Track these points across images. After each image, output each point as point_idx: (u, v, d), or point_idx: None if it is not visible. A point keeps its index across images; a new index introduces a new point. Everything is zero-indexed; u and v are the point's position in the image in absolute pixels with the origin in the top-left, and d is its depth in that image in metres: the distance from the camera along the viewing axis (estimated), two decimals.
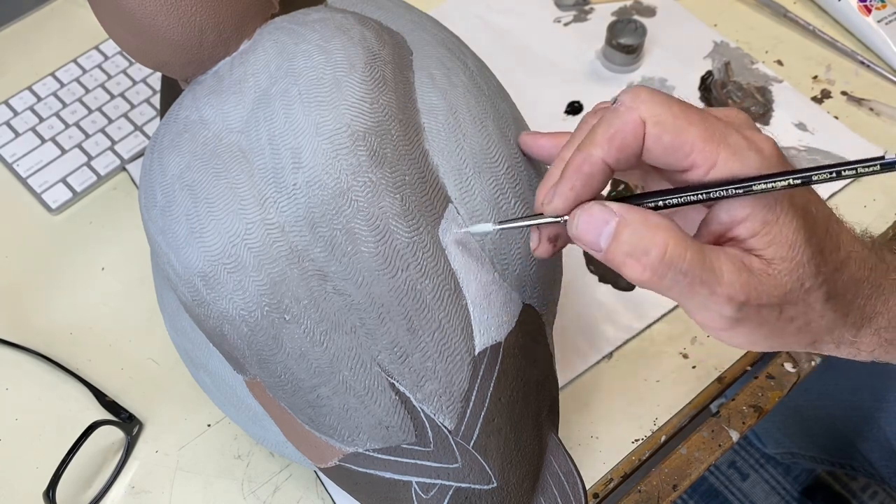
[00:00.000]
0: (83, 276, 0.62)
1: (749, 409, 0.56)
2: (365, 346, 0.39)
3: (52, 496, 0.50)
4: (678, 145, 0.33)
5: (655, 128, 0.33)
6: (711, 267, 0.33)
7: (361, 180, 0.39)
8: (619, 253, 0.33)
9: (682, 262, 0.32)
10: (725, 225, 0.34)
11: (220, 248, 0.40)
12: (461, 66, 0.45)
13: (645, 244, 0.32)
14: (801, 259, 0.33)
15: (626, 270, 0.33)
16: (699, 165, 0.33)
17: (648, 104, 0.33)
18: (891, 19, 0.73)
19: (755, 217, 0.33)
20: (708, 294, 0.33)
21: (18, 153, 0.67)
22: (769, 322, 0.34)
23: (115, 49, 0.73)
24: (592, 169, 0.34)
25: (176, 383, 0.57)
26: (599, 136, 0.34)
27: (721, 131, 0.33)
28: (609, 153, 0.34)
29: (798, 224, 0.33)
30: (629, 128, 0.33)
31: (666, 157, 0.33)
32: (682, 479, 0.53)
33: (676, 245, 0.32)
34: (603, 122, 0.34)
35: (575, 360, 0.57)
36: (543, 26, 0.75)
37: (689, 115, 0.33)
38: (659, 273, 0.32)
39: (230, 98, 0.42)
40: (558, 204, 0.35)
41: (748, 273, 0.33)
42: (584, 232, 0.34)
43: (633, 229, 0.32)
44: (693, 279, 0.32)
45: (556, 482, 0.41)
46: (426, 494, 0.39)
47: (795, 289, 0.34)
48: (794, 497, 1.24)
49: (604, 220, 0.33)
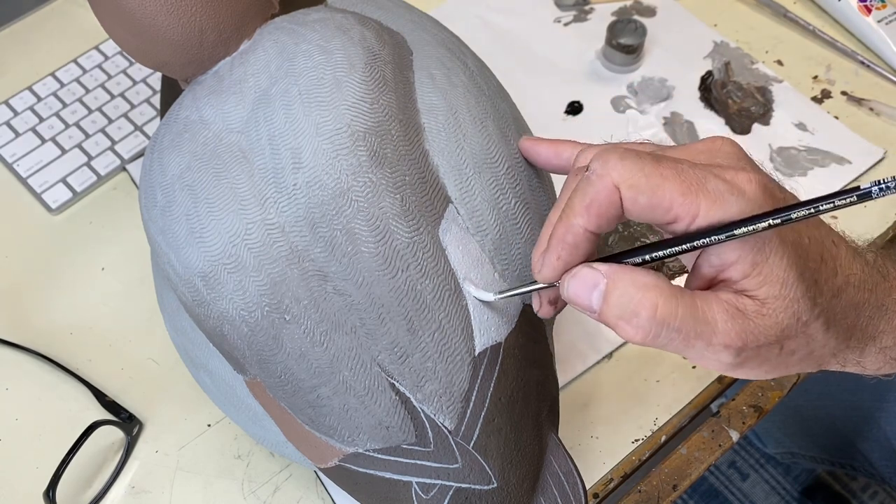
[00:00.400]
0: (83, 276, 0.62)
1: (749, 409, 0.56)
2: (365, 346, 0.39)
3: (52, 496, 0.50)
4: (656, 203, 0.32)
5: (630, 191, 0.33)
6: (705, 318, 0.32)
7: (361, 180, 0.39)
8: (611, 315, 0.33)
9: (674, 320, 0.32)
10: (716, 268, 0.34)
11: (221, 248, 0.40)
12: (461, 66, 0.45)
13: (634, 306, 0.32)
14: (795, 295, 0.33)
15: (620, 332, 0.33)
16: (682, 218, 0.32)
17: (619, 169, 0.33)
18: (891, 19, 0.73)
19: (745, 259, 0.33)
20: (705, 346, 0.33)
21: (18, 153, 0.67)
22: (771, 359, 0.34)
23: (115, 49, 0.73)
24: (576, 239, 0.34)
25: (176, 383, 0.57)
26: (577, 205, 0.34)
27: (698, 180, 0.32)
28: (589, 221, 0.34)
29: (789, 260, 0.33)
30: (603, 195, 0.33)
31: (646, 216, 0.33)
32: (682, 479, 0.53)
33: (666, 303, 0.32)
34: (578, 191, 0.34)
35: (575, 360, 0.57)
36: (543, 26, 0.75)
37: (663, 170, 0.32)
38: (652, 333, 0.32)
39: (230, 98, 0.42)
40: (547, 273, 0.35)
41: (742, 318, 0.33)
42: (576, 296, 0.34)
43: (621, 291, 0.33)
44: (687, 334, 0.32)
45: (556, 482, 0.41)
46: (426, 495, 0.39)
47: (792, 324, 0.33)
48: (794, 497, 1.24)
49: (593, 284, 0.33)
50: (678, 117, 0.69)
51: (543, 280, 0.35)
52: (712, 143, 0.36)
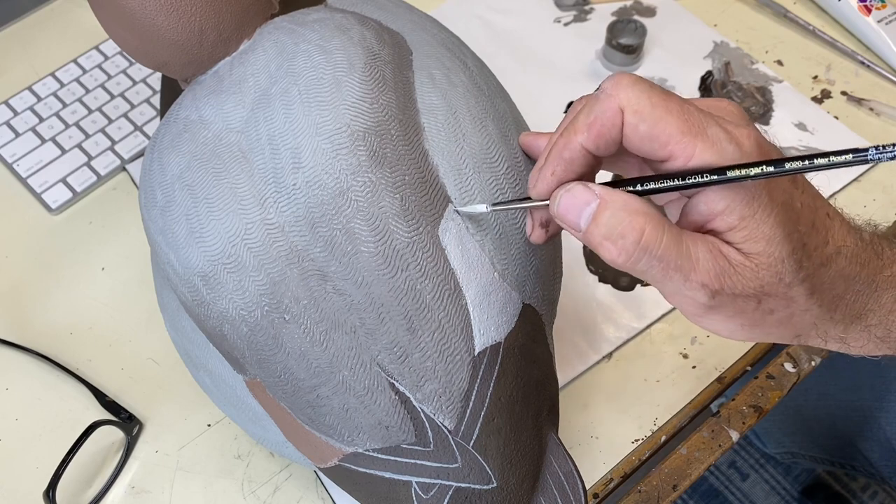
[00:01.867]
0: (83, 276, 0.62)
1: (749, 409, 0.56)
2: (365, 346, 0.39)
3: (52, 496, 0.50)
4: (655, 135, 0.33)
5: (633, 116, 0.33)
6: (688, 253, 0.33)
7: (361, 180, 0.39)
8: (597, 234, 0.33)
9: (658, 248, 0.32)
10: (704, 216, 0.34)
11: (220, 248, 0.40)
12: (461, 66, 0.45)
13: (622, 228, 0.32)
14: (780, 255, 0.33)
15: (603, 252, 0.33)
16: (676, 156, 0.33)
17: (627, 92, 0.33)
18: (891, 19, 0.73)
19: (732, 211, 0.33)
20: (682, 280, 0.33)
21: (18, 153, 0.67)
22: (746, 312, 0.34)
23: (115, 49, 0.73)
24: (573, 154, 0.34)
25: (176, 383, 0.57)
26: (580, 122, 0.34)
27: (700, 122, 0.32)
28: (588, 139, 0.34)
29: (777, 220, 0.33)
30: (608, 115, 0.33)
31: (643, 146, 0.33)
32: (682, 479, 0.53)
33: (653, 230, 0.32)
34: (584, 108, 0.34)
35: (575, 360, 0.57)
36: (543, 26, 0.75)
37: (669, 104, 0.33)
38: (634, 257, 0.33)
39: (230, 98, 0.42)
40: (541, 187, 0.35)
41: (724, 262, 0.33)
42: (565, 211, 0.34)
43: (612, 212, 0.33)
44: (667, 265, 0.33)
45: (556, 482, 0.41)
46: (426, 494, 0.39)
47: (773, 283, 0.34)
48: (794, 497, 1.24)
49: (585, 202, 0.33)
50: None
51: (537, 195, 0.36)
52: (718, 102, 0.36)
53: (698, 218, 0.34)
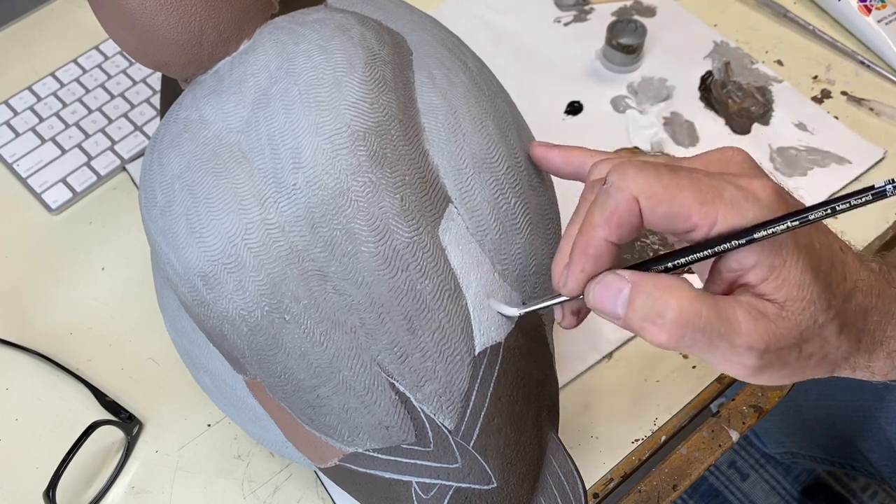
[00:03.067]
0: (83, 276, 0.62)
1: (749, 409, 0.56)
2: (365, 346, 0.39)
3: (52, 496, 0.50)
4: (675, 213, 0.33)
5: (649, 202, 0.33)
6: (728, 319, 0.33)
7: (361, 180, 0.39)
8: (636, 319, 0.33)
9: (699, 320, 0.32)
10: (735, 273, 0.34)
11: (220, 248, 0.40)
12: (461, 66, 0.45)
13: (659, 307, 0.33)
14: (812, 297, 0.34)
15: (646, 335, 0.33)
16: (700, 226, 0.33)
17: (637, 181, 0.33)
18: (891, 19, 0.73)
19: (763, 263, 0.33)
20: (728, 347, 0.33)
21: (18, 153, 0.67)
22: (790, 362, 0.35)
23: (115, 49, 0.73)
24: (598, 250, 0.35)
25: (176, 383, 0.57)
26: (597, 217, 0.34)
27: (714, 188, 0.33)
28: (610, 233, 0.34)
29: (804, 263, 0.33)
30: (623, 206, 0.34)
31: (666, 225, 0.34)
32: (682, 479, 0.53)
33: (690, 304, 0.32)
34: (597, 203, 0.34)
35: (575, 360, 0.57)
36: (543, 26, 0.75)
37: (679, 181, 0.33)
38: (677, 334, 0.33)
39: (230, 98, 0.42)
40: (572, 285, 0.35)
41: (764, 319, 0.33)
42: (601, 303, 0.34)
43: (646, 294, 0.33)
44: (711, 335, 0.33)
45: (556, 482, 0.41)
46: (426, 494, 0.39)
47: (810, 326, 0.34)
48: (794, 497, 1.24)
49: (617, 289, 0.34)
50: (678, 117, 0.69)
51: (568, 293, 0.36)
52: (722, 154, 0.36)
53: (729, 276, 0.34)
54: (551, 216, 0.44)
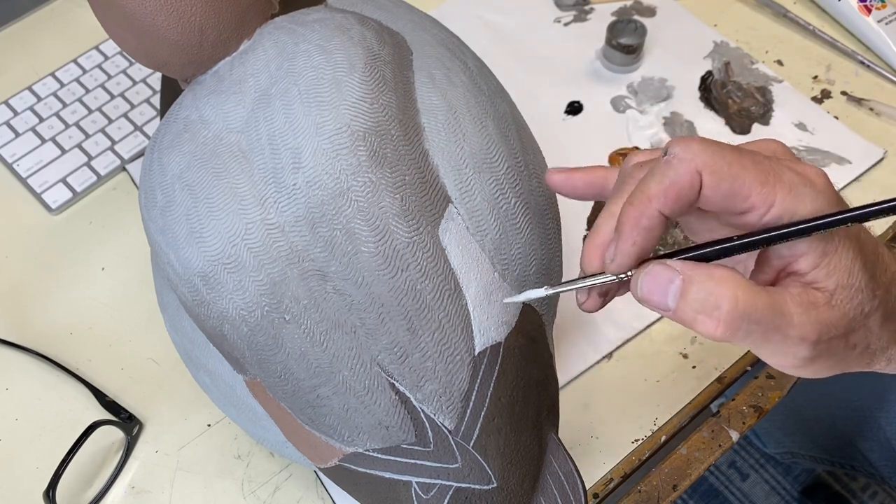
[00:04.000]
0: (83, 276, 0.62)
1: (749, 409, 0.56)
2: (365, 346, 0.39)
3: (52, 496, 0.50)
4: (736, 190, 0.33)
5: (712, 177, 0.33)
6: (781, 311, 0.32)
7: (361, 180, 0.39)
8: (689, 311, 0.33)
9: (755, 311, 0.32)
10: (786, 259, 0.34)
11: (220, 248, 0.40)
12: (461, 66, 0.45)
13: (714, 299, 0.32)
14: (860, 285, 0.33)
15: (699, 327, 0.33)
16: (758, 207, 0.33)
17: (703, 155, 0.33)
18: (891, 19, 0.73)
19: (815, 250, 0.33)
20: (782, 339, 0.33)
21: (18, 153, 0.67)
22: (838, 352, 0.34)
23: (115, 49, 0.73)
24: (651, 222, 0.34)
25: (176, 383, 0.57)
26: (654, 188, 0.33)
27: (774, 170, 0.33)
28: (666, 205, 0.33)
29: (854, 252, 0.33)
30: (685, 179, 0.33)
31: (724, 203, 0.33)
32: (682, 479, 0.53)
33: (746, 295, 0.32)
34: (656, 174, 0.34)
35: (575, 360, 0.57)
36: (543, 26, 0.75)
37: (743, 160, 0.33)
38: (733, 326, 0.32)
39: (230, 98, 0.42)
40: (622, 261, 0.34)
41: (815, 309, 0.33)
42: (650, 294, 0.34)
43: (699, 286, 0.32)
44: (766, 326, 0.32)
45: (556, 482, 0.40)
46: (426, 494, 0.39)
47: (857, 315, 0.34)
48: (794, 497, 1.24)
49: (668, 280, 0.33)
50: (678, 117, 0.69)
51: (617, 270, 0.35)
52: (766, 144, 0.36)
53: (778, 262, 0.34)
54: (551, 216, 0.44)
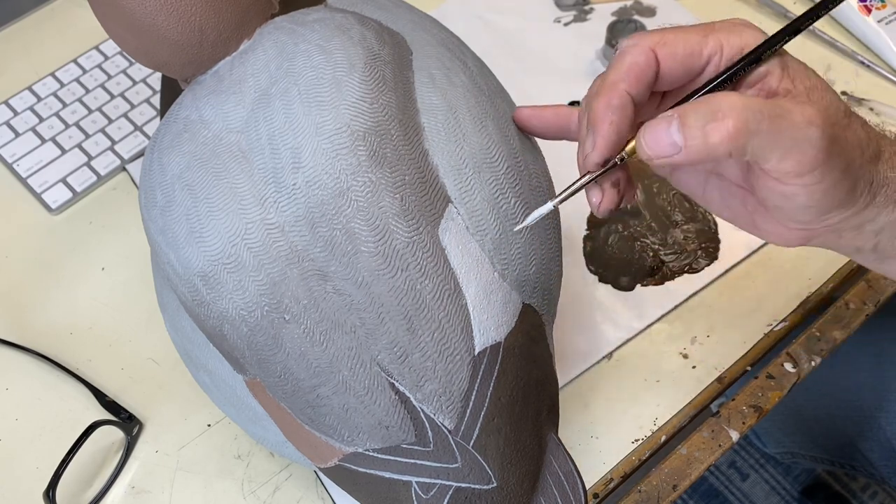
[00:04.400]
0: (83, 276, 0.62)
1: (749, 409, 0.56)
2: (365, 345, 0.39)
3: (52, 496, 0.50)
4: (689, 51, 0.37)
5: (665, 48, 0.37)
6: (778, 104, 0.35)
7: (361, 180, 0.39)
8: (698, 131, 0.34)
9: (755, 104, 0.34)
10: (756, 86, 0.37)
11: (220, 248, 0.40)
12: (461, 65, 0.45)
13: (715, 106, 0.34)
14: (824, 85, 0.36)
15: (714, 137, 0.34)
16: (714, 54, 0.37)
17: (650, 37, 0.37)
18: (891, 19, 0.73)
19: (776, 65, 0.37)
20: (790, 126, 0.34)
21: (18, 153, 0.67)
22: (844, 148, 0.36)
23: (115, 49, 0.73)
24: (622, 101, 0.36)
25: (176, 383, 0.57)
26: (614, 75, 0.37)
27: (707, 25, 0.38)
28: (630, 84, 0.36)
29: (798, 63, 0.37)
30: (643, 58, 0.37)
31: (684, 67, 0.37)
32: (682, 479, 0.53)
33: (740, 97, 0.34)
34: (614, 63, 0.37)
35: (575, 360, 0.57)
36: (543, 26, 0.75)
37: (681, 28, 0.37)
38: (743, 116, 0.33)
39: (230, 98, 0.42)
40: (602, 144, 0.37)
41: (804, 103, 0.35)
42: (655, 144, 0.35)
43: (694, 110, 0.34)
44: (771, 115, 0.34)
45: (556, 482, 0.41)
46: (426, 494, 0.39)
47: (837, 110, 0.36)
48: (794, 497, 1.24)
49: (666, 123, 0.35)
50: None
51: (599, 155, 0.37)
52: None
53: (751, 92, 0.37)
54: (551, 216, 0.44)
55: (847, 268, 0.61)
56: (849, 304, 0.60)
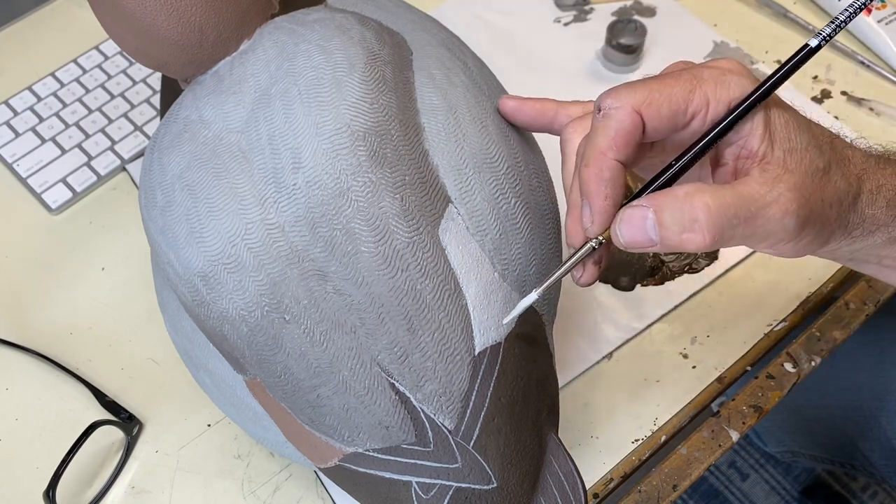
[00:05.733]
0: (83, 276, 0.62)
1: (749, 409, 0.56)
2: (365, 346, 0.39)
3: (52, 496, 0.50)
4: (675, 108, 0.36)
5: (650, 108, 0.36)
6: (751, 196, 0.35)
7: (361, 180, 0.39)
8: (673, 236, 0.34)
9: (729, 208, 0.34)
10: (738, 146, 0.37)
11: (220, 248, 0.40)
12: (461, 66, 0.45)
13: (689, 214, 0.34)
14: (804, 146, 0.36)
15: (688, 245, 0.34)
16: (699, 110, 0.36)
17: (633, 95, 0.36)
18: (891, 19, 0.73)
19: (758, 124, 0.36)
20: (765, 220, 0.34)
21: (18, 153, 0.67)
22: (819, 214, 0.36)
23: (115, 49, 0.73)
24: (612, 173, 0.36)
25: (176, 383, 0.57)
26: (602, 142, 0.36)
27: (693, 75, 0.36)
28: (619, 151, 0.36)
29: (785, 118, 0.36)
30: (628, 122, 0.35)
31: (670, 124, 0.36)
32: (682, 479, 0.53)
33: (715, 198, 0.34)
34: (599, 130, 0.36)
35: (575, 360, 0.57)
36: (543, 26, 0.75)
37: (665, 81, 0.36)
38: (717, 228, 0.34)
39: (230, 98, 0.42)
40: (600, 219, 0.37)
41: (780, 182, 0.35)
42: (633, 237, 0.35)
43: (670, 210, 0.34)
44: (745, 216, 0.34)
45: (556, 482, 0.41)
46: (426, 494, 0.39)
47: (816, 171, 0.36)
48: (794, 497, 1.24)
49: (642, 218, 0.35)
50: None
51: (598, 229, 0.37)
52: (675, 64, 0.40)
53: (732, 152, 0.37)
54: (551, 216, 0.44)
55: (847, 268, 0.61)
56: (849, 304, 0.60)
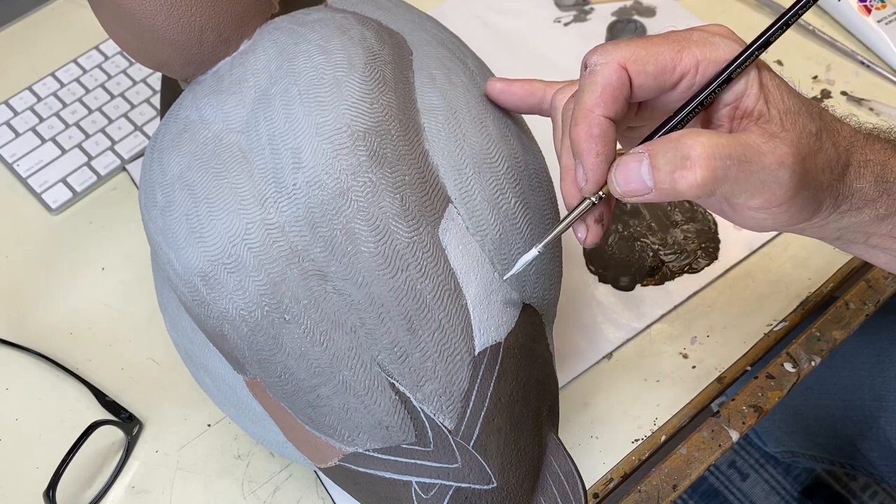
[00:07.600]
0: (83, 276, 0.62)
1: (749, 409, 0.56)
2: (365, 345, 0.39)
3: (52, 496, 0.50)
4: (662, 66, 0.35)
5: (636, 64, 0.35)
6: (748, 143, 0.34)
7: (361, 180, 0.39)
8: (666, 176, 0.34)
9: (724, 147, 0.33)
10: (732, 105, 0.36)
11: (220, 248, 0.40)
12: (461, 66, 0.45)
13: (682, 152, 0.33)
14: (797, 108, 0.36)
15: (682, 184, 0.34)
16: (688, 71, 0.36)
17: (620, 52, 0.35)
18: (891, 19, 0.73)
19: (753, 82, 0.35)
20: (760, 169, 0.34)
21: (18, 153, 0.67)
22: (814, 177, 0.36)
23: (115, 49, 0.73)
24: (602, 129, 0.36)
25: (176, 383, 0.57)
26: (590, 99, 0.36)
27: (682, 37, 0.36)
28: (607, 107, 0.35)
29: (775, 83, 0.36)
30: (614, 77, 0.35)
31: (657, 83, 0.36)
32: (682, 479, 0.53)
33: (709, 138, 0.34)
34: (586, 86, 0.36)
35: (575, 360, 0.57)
36: (543, 26, 0.75)
37: (653, 40, 0.36)
38: (710, 165, 0.33)
39: (230, 98, 0.42)
40: (594, 176, 0.36)
41: (777, 138, 0.35)
42: (627, 183, 0.35)
43: (664, 151, 0.34)
44: (740, 158, 0.34)
45: (556, 482, 0.41)
46: (426, 494, 0.39)
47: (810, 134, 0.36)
48: (794, 497, 1.24)
49: (637, 162, 0.34)
50: None
51: (593, 187, 0.36)
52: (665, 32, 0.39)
53: (726, 112, 0.36)
54: (551, 216, 0.44)
55: (847, 268, 0.61)
56: (849, 304, 0.60)
